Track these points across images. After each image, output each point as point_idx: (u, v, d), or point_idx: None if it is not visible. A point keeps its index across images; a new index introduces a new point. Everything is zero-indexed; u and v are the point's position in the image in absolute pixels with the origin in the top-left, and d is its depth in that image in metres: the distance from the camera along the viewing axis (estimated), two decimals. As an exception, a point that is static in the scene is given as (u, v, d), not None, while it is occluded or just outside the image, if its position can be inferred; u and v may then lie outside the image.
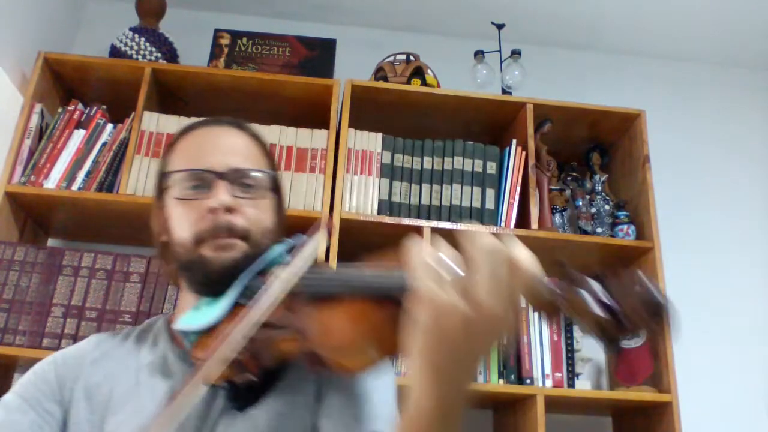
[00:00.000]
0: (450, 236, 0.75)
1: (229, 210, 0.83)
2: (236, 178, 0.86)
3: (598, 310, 0.55)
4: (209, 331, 0.77)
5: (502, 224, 1.87)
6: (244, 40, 2.05)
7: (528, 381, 1.75)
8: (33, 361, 1.66)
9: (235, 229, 0.83)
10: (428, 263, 0.58)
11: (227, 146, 0.90)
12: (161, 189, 0.91)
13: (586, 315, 0.56)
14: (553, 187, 2.04)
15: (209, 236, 0.83)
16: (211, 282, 0.82)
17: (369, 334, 0.67)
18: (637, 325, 0.54)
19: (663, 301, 0.54)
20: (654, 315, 0.54)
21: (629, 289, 0.55)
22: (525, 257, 0.57)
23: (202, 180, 0.86)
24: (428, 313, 0.57)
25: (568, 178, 2.14)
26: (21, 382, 0.86)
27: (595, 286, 0.57)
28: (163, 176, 0.91)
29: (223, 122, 0.97)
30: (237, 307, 0.78)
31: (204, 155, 0.88)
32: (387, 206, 1.85)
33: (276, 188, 0.92)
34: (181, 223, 0.86)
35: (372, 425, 0.78)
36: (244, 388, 0.77)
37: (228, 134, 0.94)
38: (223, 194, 0.84)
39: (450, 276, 0.57)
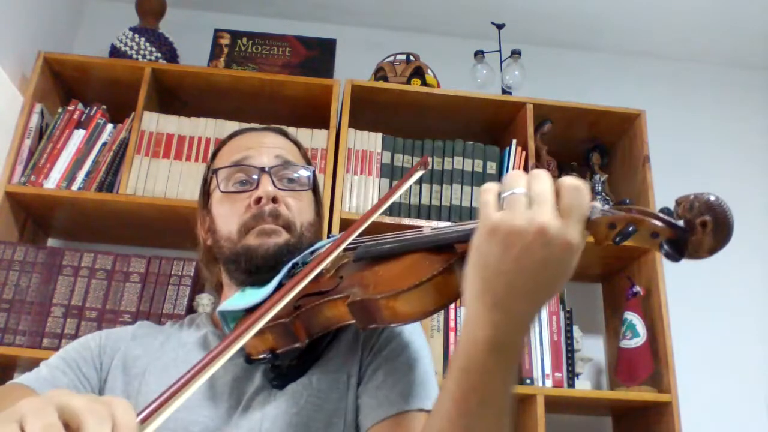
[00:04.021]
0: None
1: (274, 200, 0.87)
2: (280, 171, 0.91)
3: (657, 221, 0.55)
4: (252, 311, 0.76)
5: (502, 224, 1.87)
6: (244, 40, 2.05)
7: (528, 381, 1.75)
8: (33, 361, 1.67)
9: (279, 217, 0.86)
10: (489, 189, 0.58)
11: (270, 144, 0.94)
12: (207, 194, 0.95)
13: (647, 226, 0.55)
14: (553, 187, 2.04)
15: (254, 223, 0.86)
16: (256, 269, 0.84)
17: (424, 275, 0.64)
18: (694, 223, 0.54)
19: (715, 199, 0.54)
20: (709, 212, 0.54)
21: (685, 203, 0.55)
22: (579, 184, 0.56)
23: (248, 174, 0.90)
24: (485, 231, 0.56)
25: (568, 178, 2.14)
26: (65, 348, 0.90)
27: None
28: (208, 177, 0.95)
29: (263, 128, 1.02)
30: (283, 287, 0.78)
31: (249, 153, 0.92)
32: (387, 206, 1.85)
33: (315, 187, 0.96)
34: (228, 217, 0.89)
35: (418, 403, 0.77)
36: (285, 367, 0.78)
37: (269, 136, 0.98)
38: (268, 185, 0.87)
39: (512, 195, 0.56)
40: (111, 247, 1.94)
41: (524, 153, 1.94)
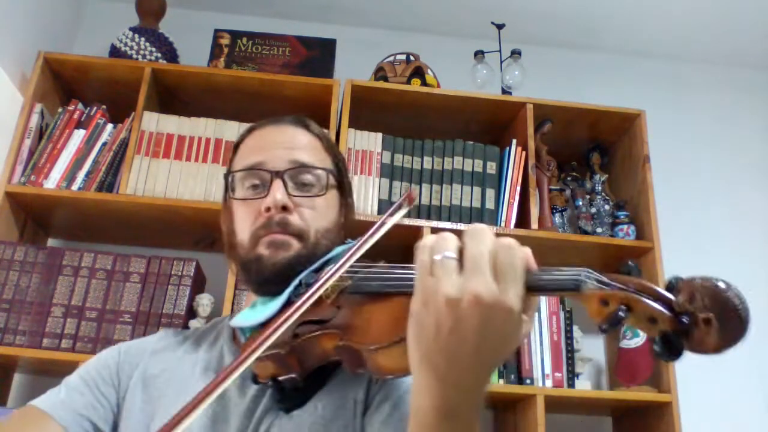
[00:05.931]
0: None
1: (285, 209, 0.83)
2: (293, 175, 0.86)
3: (655, 305, 0.48)
4: (261, 327, 0.76)
5: (502, 224, 1.87)
6: (244, 40, 2.05)
7: (528, 381, 1.75)
8: (33, 361, 1.68)
9: (289, 227, 0.83)
10: (426, 246, 0.53)
11: (286, 142, 0.90)
12: (227, 190, 0.91)
13: (644, 309, 0.49)
14: (553, 187, 2.04)
15: (264, 233, 0.83)
16: (265, 281, 0.82)
17: (403, 331, 0.58)
18: (696, 317, 0.47)
19: (722, 290, 0.47)
20: (722, 309, 0.47)
21: (695, 285, 0.49)
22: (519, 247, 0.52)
23: (260, 179, 0.86)
24: (420, 299, 0.52)
25: (568, 178, 2.14)
26: (86, 364, 0.90)
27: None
28: (226, 177, 0.92)
29: (284, 120, 0.96)
30: (290, 304, 0.77)
31: (263, 153, 0.88)
32: (387, 206, 1.85)
33: (340, 185, 0.91)
34: (242, 223, 0.86)
35: None
36: (291, 389, 0.76)
37: (288, 131, 0.93)
38: (277, 193, 0.83)
39: (443, 260, 0.51)
40: (111, 247, 1.94)
41: (524, 153, 1.94)
